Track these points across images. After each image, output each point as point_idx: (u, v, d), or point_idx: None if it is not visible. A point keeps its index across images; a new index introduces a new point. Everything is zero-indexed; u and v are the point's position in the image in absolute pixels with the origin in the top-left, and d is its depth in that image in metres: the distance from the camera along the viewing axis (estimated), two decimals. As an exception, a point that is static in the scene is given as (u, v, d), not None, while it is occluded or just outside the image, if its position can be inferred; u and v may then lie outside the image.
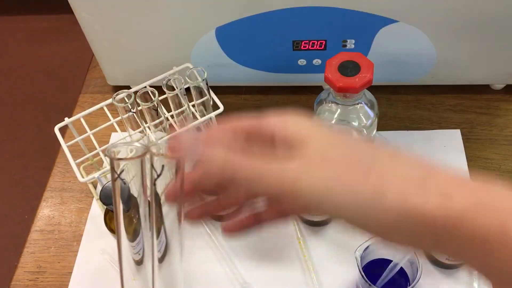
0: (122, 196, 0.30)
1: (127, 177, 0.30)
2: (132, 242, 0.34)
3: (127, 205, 0.31)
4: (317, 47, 0.69)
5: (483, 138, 0.71)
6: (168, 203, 0.32)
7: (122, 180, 0.30)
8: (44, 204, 0.69)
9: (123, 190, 0.30)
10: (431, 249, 0.33)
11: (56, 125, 0.62)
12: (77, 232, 0.66)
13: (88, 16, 0.67)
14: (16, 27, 2.16)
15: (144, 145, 0.30)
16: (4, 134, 1.80)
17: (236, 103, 0.78)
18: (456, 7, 0.62)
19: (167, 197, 0.32)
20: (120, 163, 0.30)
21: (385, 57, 0.69)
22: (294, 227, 0.63)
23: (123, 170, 0.30)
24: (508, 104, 0.75)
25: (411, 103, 0.76)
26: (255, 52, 0.71)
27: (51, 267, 0.63)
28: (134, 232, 0.32)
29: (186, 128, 0.62)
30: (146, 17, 0.67)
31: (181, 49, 0.71)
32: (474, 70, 0.72)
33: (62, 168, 0.73)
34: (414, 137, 0.71)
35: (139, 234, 0.32)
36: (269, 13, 0.64)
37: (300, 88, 0.78)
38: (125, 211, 0.31)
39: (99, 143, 0.63)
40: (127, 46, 0.71)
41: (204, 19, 0.67)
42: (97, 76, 0.84)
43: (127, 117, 0.58)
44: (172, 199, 0.32)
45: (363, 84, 0.56)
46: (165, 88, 0.59)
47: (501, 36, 0.66)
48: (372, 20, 0.64)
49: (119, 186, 0.30)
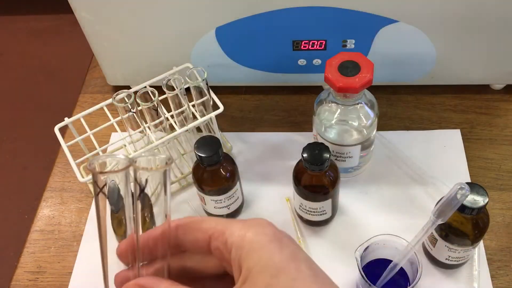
0: (112, 197, 0.30)
1: (116, 178, 0.30)
2: None
3: (117, 206, 0.31)
4: (317, 47, 0.69)
5: (483, 138, 0.71)
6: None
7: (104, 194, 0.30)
8: (44, 204, 0.69)
9: (113, 191, 0.30)
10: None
11: (56, 125, 0.62)
12: (77, 232, 0.66)
13: (88, 16, 0.67)
14: (16, 27, 2.16)
15: (127, 157, 0.29)
16: (4, 134, 1.80)
17: (236, 103, 0.78)
18: (456, 7, 0.62)
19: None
20: (102, 176, 0.29)
21: (385, 57, 0.69)
22: (294, 227, 0.63)
23: (105, 184, 0.29)
24: (508, 104, 0.75)
25: (411, 103, 0.76)
26: (255, 52, 0.71)
27: (51, 267, 0.63)
28: (124, 234, 0.32)
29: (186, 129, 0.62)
30: (146, 17, 0.67)
31: (181, 49, 0.71)
32: (474, 70, 0.72)
33: (62, 168, 0.73)
34: (414, 137, 0.71)
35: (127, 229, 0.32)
36: (269, 13, 0.64)
37: (300, 88, 0.78)
38: (114, 212, 0.31)
39: (99, 143, 0.63)
40: (127, 46, 0.71)
41: (204, 19, 0.67)
42: (97, 76, 0.84)
43: (127, 117, 0.58)
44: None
45: (363, 84, 0.56)
46: (165, 88, 0.59)
47: (501, 36, 0.66)
48: (372, 20, 0.64)
49: (104, 200, 0.30)
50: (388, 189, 0.66)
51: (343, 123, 0.61)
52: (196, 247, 0.32)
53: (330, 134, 0.62)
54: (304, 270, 0.28)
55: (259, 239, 0.29)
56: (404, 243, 0.53)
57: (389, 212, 0.64)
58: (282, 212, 0.65)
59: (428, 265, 0.59)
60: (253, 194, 0.67)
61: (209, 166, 0.58)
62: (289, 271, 0.28)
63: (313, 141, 0.59)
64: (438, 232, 0.54)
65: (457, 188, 0.49)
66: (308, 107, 0.76)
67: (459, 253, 0.55)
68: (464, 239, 0.53)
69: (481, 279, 0.58)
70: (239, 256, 0.29)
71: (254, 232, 0.29)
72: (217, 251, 0.31)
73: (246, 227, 0.30)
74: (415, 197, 0.65)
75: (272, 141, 0.73)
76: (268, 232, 0.30)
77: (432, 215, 0.51)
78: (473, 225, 0.53)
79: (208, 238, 0.31)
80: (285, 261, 0.28)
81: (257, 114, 0.77)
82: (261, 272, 0.28)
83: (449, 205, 0.49)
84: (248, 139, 0.73)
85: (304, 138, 0.72)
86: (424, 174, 0.66)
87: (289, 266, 0.28)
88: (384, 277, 0.53)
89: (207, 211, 0.64)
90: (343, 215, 0.64)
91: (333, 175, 0.58)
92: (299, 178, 0.58)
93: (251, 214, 0.66)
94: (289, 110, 0.77)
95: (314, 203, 0.59)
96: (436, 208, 0.51)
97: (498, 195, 0.65)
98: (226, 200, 0.61)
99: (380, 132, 0.71)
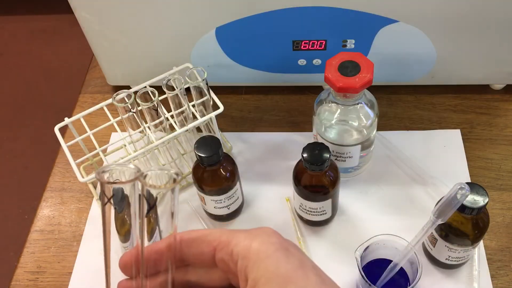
0: (116, 197, 0.30)
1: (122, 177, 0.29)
2: (124, 243, 0.34)
3: (120, 207, 0.30)
4: (317, 47, 0.69)
5: (483, 138, 0.71)
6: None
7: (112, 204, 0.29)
8: (44, 204, 0.69)
9: (117, 191, 0.30)
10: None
11: (56, 125, 0.62)
12: (77, 232, 0.66)
13: (88, 16, 0.67)
14: (16, 27, 2.16)
15: (136, 167, 0.29)
16: (4, 134, 1.80)
17: (236, 103, 0.78)
18: (456, 7, 0.62)
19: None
20: (111, 186, 0.29)
21: (385, 57, 0.69)
22: (294, 227, 0.63)
23: (113, 195, 0.29)
24: (508, 104, 0.75)
25: (411, 103, 0.76)
26: (255, 52, 0.71)
27: (51, 267, 0.63)
28: (127, 233, 0.32)
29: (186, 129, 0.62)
30: (146, 17, 0.67)
31: (181, 49, 0.71)
32: (474, 70, 0.72)
33: (62, 168, 0.73)
34: (414, 137, 0.71)
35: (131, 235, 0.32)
36: (269, 13, 0.64)
37: (300, 88, 0.78)
38: (118, 212, 0.31)
39: (99, 143, 0.63)
40: (127, 46, 0.71)
41: (204, 19, 0.67)
42: (97, 76, 0.84)
43: (127, 117, 0.58)
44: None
45: (363, 84, 0.56)
46: (165, 88, 0.59)
47: (500, 36, 0.66)
48: (372, 20, 0.64)
49: (109, 210, 0.29)
50: (388, 189, 0.66)
51: (343, 123, 0.61)
52: (201, 260, 0.31)
53: (330, 134, 0.62)
54: (312, 277, 0.28)
55: (265, 249, 0.29)
56: (404, 243, 0.53)
57: (389, 212, 0.64)
58: (282, 212, 0.65)
59: (428, 265, 0.59)
60: (253, 194, 0.67)
61: (209, 166, 0.58)
62: (297, 280, 0.27)
63: (313, 141, 0.59)
64: (438, 232, 0.54)
65: (457, 188, 0.49)
66: (308, 107, 0.76)
67: (459, 253, 0.55)
68: (464, 239, 0.53)
69: (481, 279, 0.58)
70: (245, 267, 0.29)
71: (260, 242, 0.29)
72: (222, 263, 0.30)
73: (252, 236, 0.30)
74: (415, 197, 0.65)
75: (272, 141, 0.73)
76: (274, 241, 0.29)
77: (432, 215, 0.51)
78: (473, 225, 0.53)
79: (213, 250, 0.31)
80: (293, 270, 0.28)
81: (257, 114, 0.77)
82: (268, 282, 0.27)
83: (449, 205, 0.49)
84: (248, 139, 0.73)
85: (304, 138, 0.72)
86: (424, 174, 0.66)
87: (296, 275, 0.28)
88: (384, 277, 0.53)
89: (207, 211, 0.64)
90: (343, 215, 0.64)
91: (333, 175, 0.58)
92: (299, 178, 0.58)
93: (251, 214, 0.66)
94: (289, 110, 0.77)
95: (314, 203, 0.59)
96: (436, 208, 0.51)
97: (498, 195, 0.65)
98: (226, 200, 0.61)
99: (380, 132, 0.71)
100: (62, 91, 1.83)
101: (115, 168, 0.29)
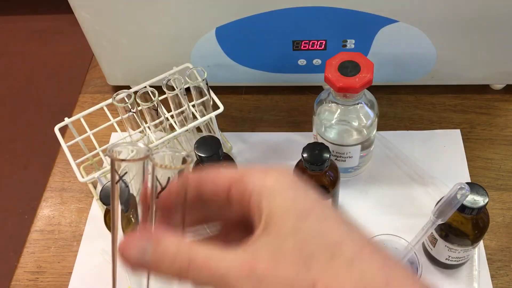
0: (122, 197, 0.30)
1: (127, 177, 0.29)
2: None
3: (126, 206, 0.30)
4: (317, 47, 0.69)
5: (483, 138, 0.71)
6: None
7: (124, 182, 0.29)
8: (44, 204, 0.69)
9: (123, 191, 0.29)
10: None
11: (56, 125, 0.62)
12: (77, 232, 0.66)
13: (88, 16, 0.67)
14: (16, 27, 2.16)
15: (147, 147, 0.29)
16: (4, 134, 1.80)
17: (236, 103, 0.78)
18: (456, 7, 0.62)
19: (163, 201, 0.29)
20: (122, 164, 0.28)
21: (385, 57, 0.69)
22: (294, 227, 0.63)
23: (126, 172, 0.28)
24: (508, 104, 0.75)
25: (411, 103, 0.76)
26: (255, 52, 0.71)
27: (51, 267, 0.63)
28: None
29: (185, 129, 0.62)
30: (146, 17, 0.67)
31: (181, 49, 0.71)
32: (474, 70, 0.72)
33: (62, 168, 0.73)
34: (414, 137, 0.71)
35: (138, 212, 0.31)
36: (269, 13, 0.64)
37: (300, 88, 0.78)
38: (124, 211, 0.30)
39: (99, 143, 0.63)
40: (127, 46, 0.71)
41: (204, 19, 0.67)
42: (97, 76, 0.84)
43: (127, 117, 0.58)
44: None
45: (363, 84, 0.56)
46: (165, 88, 0.59)
47: (501, 36, 0.66)
48: (372, 20, 0.64)
49: (119, 189, 0.29)
50: (388, 189, 0.66)
51: (343, 123, 0.61)
52: (216, 197, 0.30)
53: (330, 134, 0.62)
54: (331, 211, 0.26)
55: (280, 183, 0.27)
56: (404, 243, 0.53)
57: (389, 212, 0.64)
58: (282, 212, 0.65)
59: (428, 265, 0.59)
60: (253, 194, 0.67)
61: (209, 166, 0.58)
62: (317, 213, 0.26)
63: (313, 141, 0.59)
64: (438, 232, 0.54)
65: (457, 188, 0.49)
66: (308, 107, 0.76)
67: (459, 253, 0.55)
68: (464, 239, 0.53)
69: (481, 279, 0.58)
70: (259, 202, 0.27)
71: (275, 177, 0.28)
72: (237, 200, 0.29)
73: (266, 171, 0.28)
74: (415, 197, 0.65)
75: (272, 141, 0.73)
76: (290, 177, 0.28)
77: (432, 215, 0.51)
78: (473, 225, 0.53)
79: (227, 187, 0.29)
80: (312, 202, 0.26)
81: (257, 114, 0.77)
82: (285, 215, 0.26)
83: (449, 205, 0.49)
84: (248, 139, 0.73)
85: (304, 138, 0.72)
86: (424, 174, 0.66)
87: (316, 208, 0.26)
88: (384, 277, 0.53)
89: (207, 211, 0.64)
90: (343, 215, 0.64)
91: (333, 175, 0.58)
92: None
93: (251, 214, 0.65)
94: (289, 110, 0.77)
95: (314, 203, 0.59)
96: (436, 208, 0.51)
97: (498, 195, 0.65)
98: (226, 200, 0.61)
99: (380, 132, 0.71)
100: (62, 91, 1.83)
101: (126, 146, 0.28)
